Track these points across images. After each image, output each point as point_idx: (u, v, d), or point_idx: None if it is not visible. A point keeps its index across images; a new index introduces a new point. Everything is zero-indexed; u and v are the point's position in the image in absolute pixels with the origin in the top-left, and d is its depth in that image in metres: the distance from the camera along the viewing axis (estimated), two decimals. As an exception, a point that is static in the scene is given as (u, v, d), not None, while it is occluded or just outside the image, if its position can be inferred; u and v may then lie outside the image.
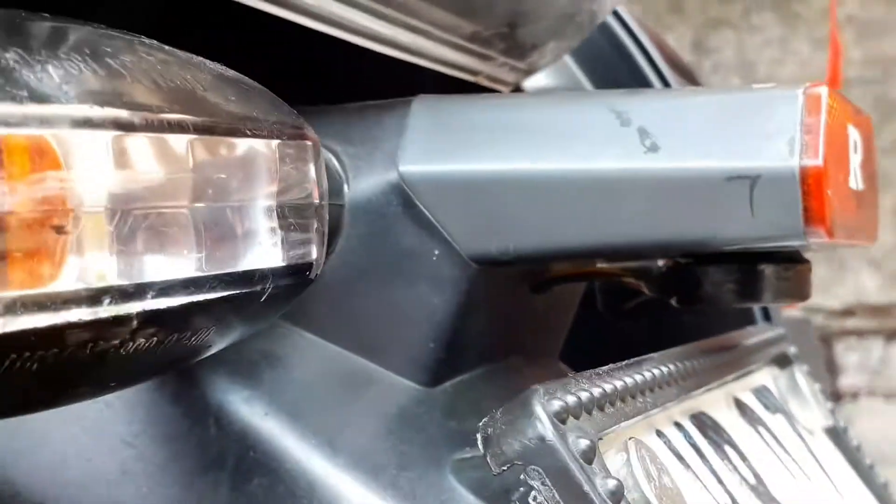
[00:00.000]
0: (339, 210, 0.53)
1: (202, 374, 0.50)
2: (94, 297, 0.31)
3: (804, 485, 0.61)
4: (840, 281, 2.63)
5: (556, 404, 0.38)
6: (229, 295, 0.37)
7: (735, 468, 0.53)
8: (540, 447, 0.38)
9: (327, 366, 0.53)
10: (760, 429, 0.61)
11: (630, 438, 0.40)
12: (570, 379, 0.42)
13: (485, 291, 0.55)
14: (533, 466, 0.38)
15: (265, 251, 0.39)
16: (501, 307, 0.58)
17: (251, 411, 0.49)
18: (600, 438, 0.40)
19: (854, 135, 0.53)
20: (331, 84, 0.57)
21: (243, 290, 0.38)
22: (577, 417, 0.39)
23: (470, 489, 0.48)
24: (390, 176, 0.54)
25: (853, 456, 0.72)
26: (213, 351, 0.41)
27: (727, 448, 0.55)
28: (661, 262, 0.62)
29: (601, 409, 0.42)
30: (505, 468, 0.38)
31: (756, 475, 0.55)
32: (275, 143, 0.40)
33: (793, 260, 0.55)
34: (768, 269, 0.55)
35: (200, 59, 0.40)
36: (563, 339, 0.70)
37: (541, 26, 0.72)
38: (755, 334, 0.71)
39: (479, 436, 0.39)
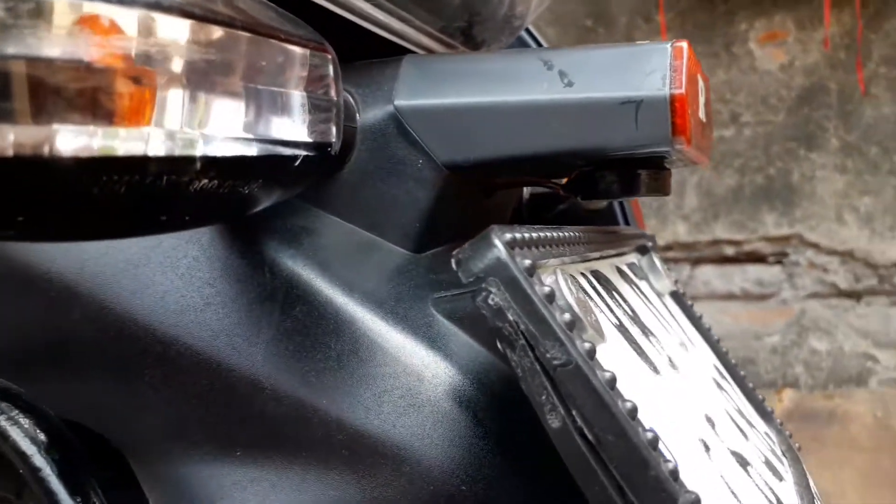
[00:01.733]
0: (354, 131, 0.51)
1: (259, 238, 0.47)
2: (169, 137, 0.27)
3: (664, 324, 0.59)
4: (663, 228, 2.67)
5: (508, 237, 0.35)
6: (272, 154, 0.33)
7: (620, 305, 0.51)
8: (496, 264, 0.35)
9: (346, 237, 0.51)
10: (633, 287, 0.59)
11: (556, 268, 0.37)
12: (515, 227, 0.39)
13: (453, 190, 0.53)
14: (492, 277, 0.35)
15: (296, 127, 0.36)
16: (463, 202, 0.56)
17: (294, 263, 0.46)
18: (538, 264, 0.36)
19: (701, 82, 0.50)
20: (345, 50, 0.53)
21: (282, 152, 0.34)
22: (521, 248, 0.36)
23: (443, 315, 0.48)
24: (388, 108, 0.52)
25: (690, 312, 0.70)
26: (261, 206, 0.38)
27: (614, 293, 0.52)
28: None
29: (537, 247, 0.39)
30: (471, 279, 0.35)
31: (634, 312, 0.53)
32: (304, 50, 0.36)
33: (659, 168, 0.52)
34: (643, 173, 0.52)
35: None
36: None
37: (488, 26, 0.70)
38: (627, 230, 0.69)
39: (452, 261, 0.36)
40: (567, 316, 0.33)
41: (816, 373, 2.53)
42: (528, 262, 0.35)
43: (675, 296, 0.73)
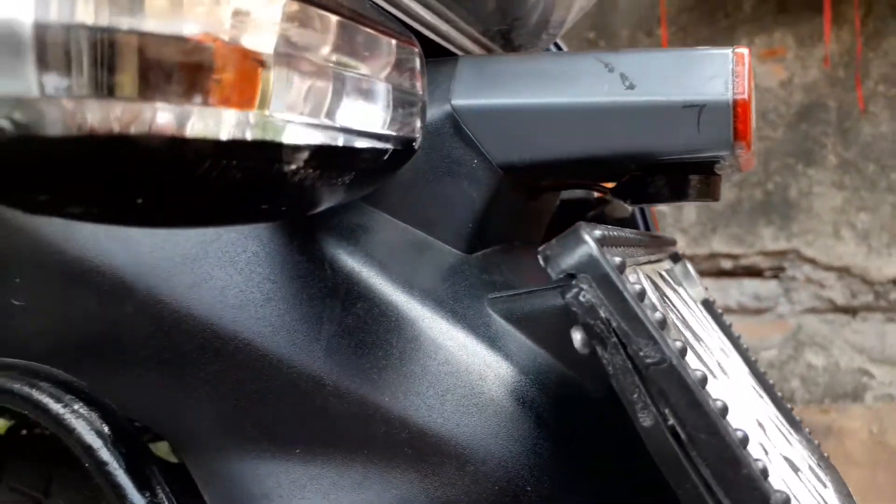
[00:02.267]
0: (420, 128, 0.50)
1: (319, 235, 0.47)
2: (288, 124, 0.27)
3: (707, 330, 0.59)
4: (662, 241, 2.65)
5: (597, 233, 0.35)
6: (366, 147, 0.33)
7: (672, 309, 0.51)
8: (588, 260, 0.35)
9: (400, 235, 0.51)
10: (675, 293, 0.59)
11: (637, 266, 0.37)
12: (596, 224, 0.38)
13: (506, 191, 0.53)
14: (583, 273, 0.34)
15: (386, 120, 0.35)
16: (513, 204, 0.56)
17: (353, 260, 0.46)
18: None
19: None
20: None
21: (375, 146, 0.34)
22: (609, 246, 0.36)
23: (500, 315, 0.47)
24: (445, 107, 0.52)
25: (721, 321, 0.71)
26: (350, 198, 0.37)
27: (665, 298, 0.52)
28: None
29: (618, 246, 0.39)
30: (561, 276, 0.34)
31: (683, 317, 0.53)
32: (393, 41, 0.36)
33: (710, 173, 0.53)
34: (694, 178, 0.53)
35: None
36: (541, 237, 0.67)
37: (526, 31, 0.71)
38: (661, 237, 0.69)
39: (539, 257, 0.36)
40: (658, 314, 0.33)
41: (813, 387, 2.55)
42: (618, 259, 0.35)
43: (707, 304, 0.74)
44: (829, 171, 2.49)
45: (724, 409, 0.32)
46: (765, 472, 0.32)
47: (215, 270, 0.47)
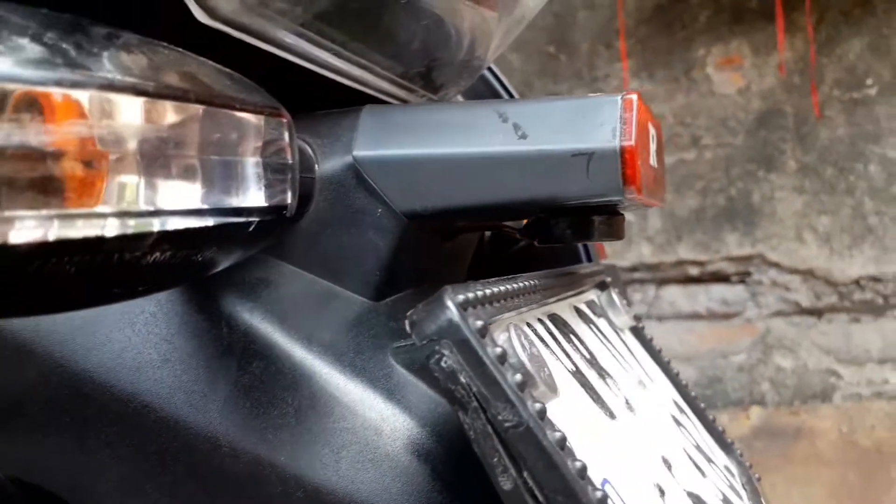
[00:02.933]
0: (312, 181, 0.51)
1: (217, 292, 0.47)
2: (122, 216, 0.27)
3: (622, 363, 0.60)
4: (629, 250, 2.71)
5: (460, 297, 0.36)
6: (226, 223, 0.34)
7: (577, 349, 0.52)
8: (448, 326, 0.35)
9: (304, 287, 0.51)
10: (592, 326, 0.60)
11: (510, 324, 0.38)
12: (470, 283, 0.39)
13: (413, 237, 0.53)
14: (444, 339, 0.35)
15: (252, 194, 0.36)
16: (423, 248, 0.57)
17: (251, 317, 0.47)
18: (491, 322, 0.37)
19: (651, 130, 0.51)
20: (304, 98, 0.53)
21: (237, 220, 0.34)
22: (474, 307, 0.37)
23: (403, 365, 0.48)
24: (347, 159, 0.53)
25: (650, 346, 0.72)
26: (217, 269, 0.38)
27: (572, 336, 0.53)
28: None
29: (490, 304, 0.40)
30: (424, 342, 0.35)
31: (591, 354, 0.54)
32: (259, 117, 0.36)
33: (612, 213, 0.54)
34: (597, 219, 0.54)
35: (205, 59, 0.36)
36: (464, 275, 0.68)
37: (447, 71, 0.72)
38: (586, 268, 0.70)
39: (406, 322, 0.36)
40: (518, 376, 0.34)
41: (782, 390, 2.58)
42: (479, 322, 0.36)
43: (635, 331, 0.75)
44: (790, 175, 2.53)
45: (583, 470, 0.33)
46: (626, 531, 0.32)
47: (114, 333, 0.47)
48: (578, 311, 0.63)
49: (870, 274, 2.46)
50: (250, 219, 0.36)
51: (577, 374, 0.50)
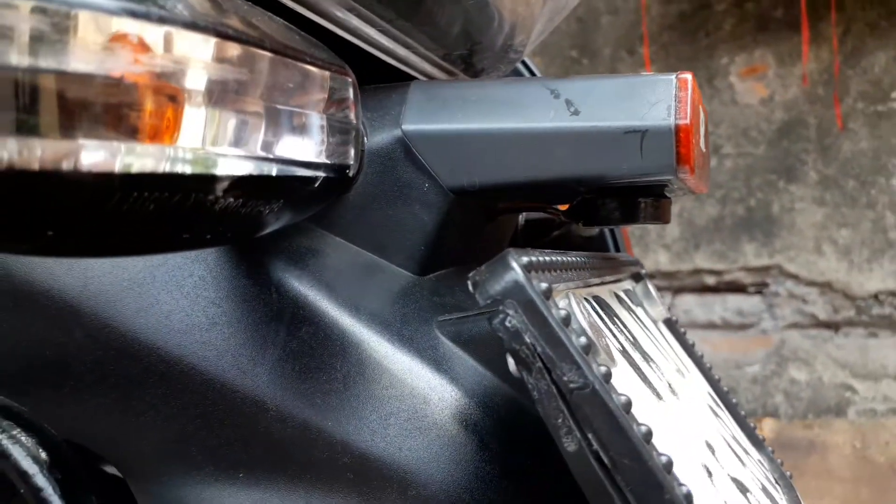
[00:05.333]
0: (361, 154, 0.50)
1: (266, 259, 0.47)
2: (198, 155, 0.27)
3: (662, 350, 0.59)
4: (645, 257, 2.71)
5: (525, 260, 0.36)
6: (293, 175, 0.34)
7: (622, 331, 0.51)
8: (514, 286, 0.35)
9: (351, 258, 0.51)
10: (632, 313, 0.59)
11: (569, 291, 0.38)
12: (529, 250, 0.39)
13: (458, 214, 0.54)
14: (509, 299, 0.35)
15: (316, 148, 0.36)
16: (467, 226, 0.56)
17: (300, 283, 0.47)
18: (552, 287, 0.37)
19: (702, 113, 0.51)
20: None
21: (303, 174, 0.34)
22: (537, 271, 0.36)
23: (449, 338, 0.48)
24: (396, 132, 0.53)
25: (683, 340, 0.71)
26: (278, 225, 0.38)
27: (615, 319, 0.52)
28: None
29: (550, 271, 0.39)
30: (488, 301, 0.35)
31: (634, 338, 0.53)
32: (326, 73, 0.36)
33: (659, 196, 0.53)
34: (644, 201, 0.53)
35: (281, 19, 0.36)
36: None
37: (488, 55, 0.72)
38: (622, 257, 0.70)
39: (468, 282, 0.36)
40: (583, 339, 0.34)
41: (796, 402, 2.56)
42: (544, 285, 0.36)
43: (669, 323, 0.74)
44: (810, 187, 2.51)
45: (649, 434, 0.32)
46: (689, 498, 0.32)
47: (162, 295, 0.47)
48: (618, 298, 0.62)
49: (889, 289, 2.44)
50: (315, 173, 0.36)
51: (625, 354, 0.49)
